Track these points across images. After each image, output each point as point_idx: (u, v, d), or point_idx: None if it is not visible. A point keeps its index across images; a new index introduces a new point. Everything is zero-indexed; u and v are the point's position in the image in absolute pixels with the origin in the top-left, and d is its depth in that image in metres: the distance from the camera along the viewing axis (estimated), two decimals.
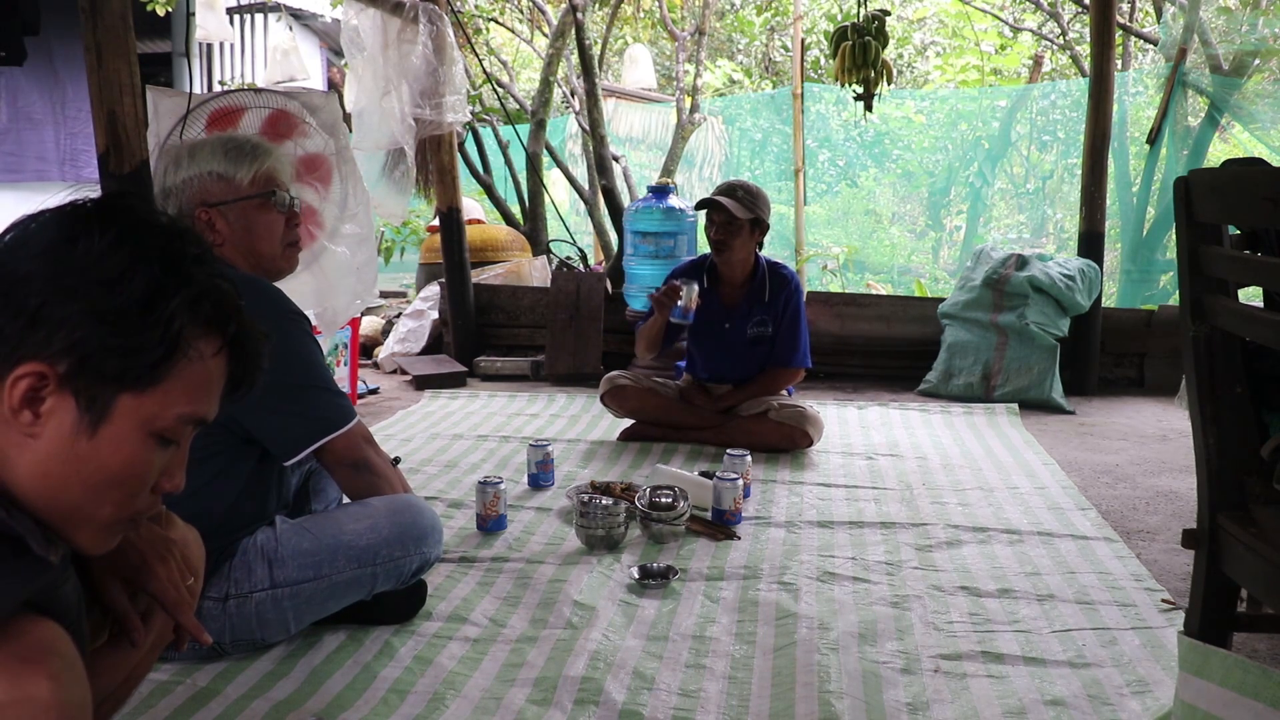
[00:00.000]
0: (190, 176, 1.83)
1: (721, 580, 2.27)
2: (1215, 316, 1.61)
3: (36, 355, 0.93)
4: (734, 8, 10.75)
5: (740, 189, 3.39)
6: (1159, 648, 1.93)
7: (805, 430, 3.38)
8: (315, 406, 1.83)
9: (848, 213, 7.88)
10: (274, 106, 3.16)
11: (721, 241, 3.37)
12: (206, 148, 1.86)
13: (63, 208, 0.99)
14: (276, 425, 1.80)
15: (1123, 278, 5.63)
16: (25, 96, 7.13)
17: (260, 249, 1.88)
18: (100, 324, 0.94)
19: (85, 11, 2.46)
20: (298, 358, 1.81)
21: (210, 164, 1.84)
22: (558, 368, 4.85)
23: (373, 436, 1.97)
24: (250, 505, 1.83)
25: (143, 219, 1.00)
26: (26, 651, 0.89)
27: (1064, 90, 7.30)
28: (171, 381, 0.98)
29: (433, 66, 4.35)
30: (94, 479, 0.97)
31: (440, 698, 1.72)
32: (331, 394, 1.86)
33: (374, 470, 1.93)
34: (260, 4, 8.83)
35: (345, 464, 1.89)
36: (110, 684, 1.28)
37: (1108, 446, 3.68)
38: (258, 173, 1.86)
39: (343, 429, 1.85)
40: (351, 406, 1.90)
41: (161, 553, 1.25)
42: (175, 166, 1.84)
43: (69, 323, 0.93)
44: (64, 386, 0.94)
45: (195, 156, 1.84)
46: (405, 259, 6.95)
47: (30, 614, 0.92)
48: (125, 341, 0.95)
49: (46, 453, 0.95)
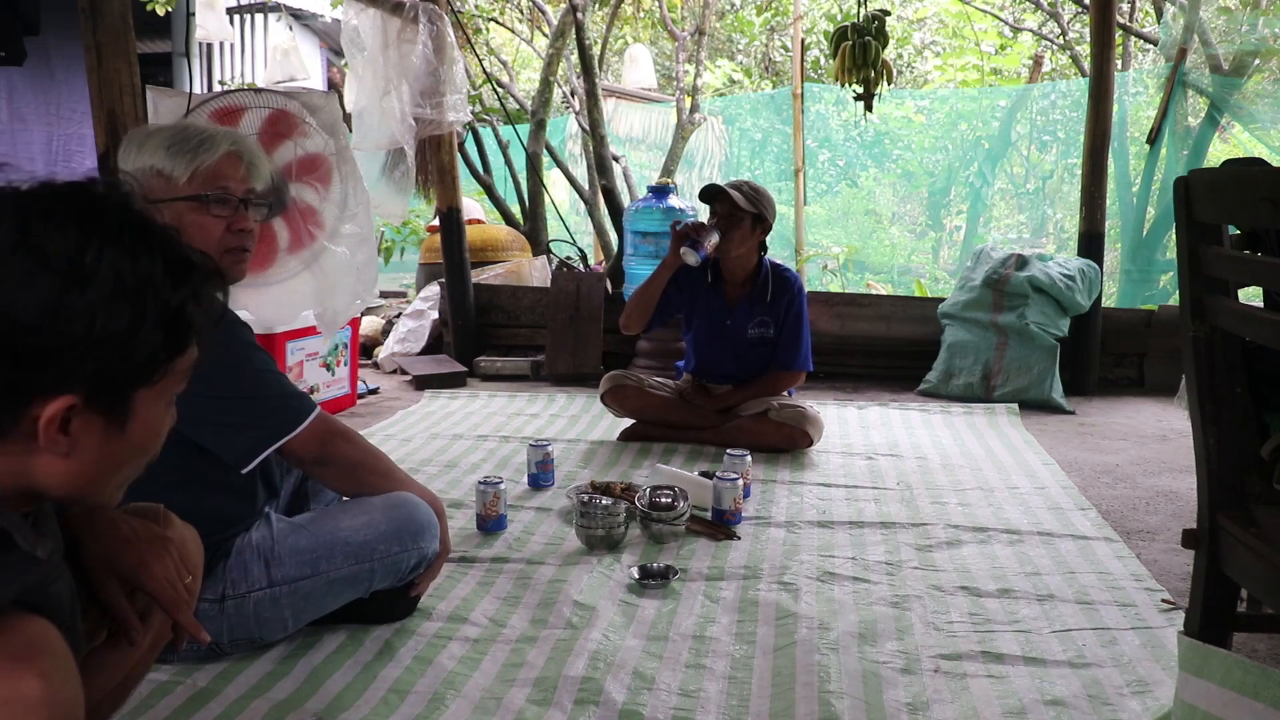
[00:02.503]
0: (136, 169, 1.73)
1: (721, 580, 2.27)
2: (1215, 316, 1.61)
3: (52, 391, 0.92)
4: (734, 8, 10.75)
5: (746, 185, 3.39)
6: (1159, 648, 1.93)
7: (805, 430, 3.38)
8: (259, 415, 1.76)
9: (848, 213, 7.89)
10: (274, 106, 3.16)
11: (723, 232, 3.36)
12: (155, 139, 1.76)
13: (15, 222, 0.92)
14: (225, 439, 1.74)
15: (1123, 278, 5.63)
16: (20, 98, 7.12)
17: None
18: (110, 347, 0.93)
19: (85, 11, 2.46)
20: (237, 367, 1.75)
21: (153, 158, 1.73)
22: (558, 368, 4.85)
23: (341, 427, 1.88)
24: (236, 504, 1.82)
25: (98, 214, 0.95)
26: (17, 650, 0.88)
27: (1064, 90, 7.30)
28: (184, 358, 1.01)
29: (433, 66, 4.35)
30: (124, 459, 1.02)
31: (440, 698, 1.72)
32: (275, 399, 1.78)
33: (340, 461, 1.85)
34: (260, 4, 8.83)
35: (307, 462, 1.83)
36: (109, 683, 1.28)
37: (1108, 446, 3.68)
38: (197, 170, 1.73)
39: (293, 432, 1.77)
40: (305, 405, 1.81)
41: (159, 551, 1.24)
42: (127, 155, 1.76)
43: (76, 354, 0.92)
44: (89, 407, 0.95)
45: (144, 147, 1.75)
46: (405, 259, 6.95)
47: (20, 612, 0.92)
48: (140, 353, 0.95)
49: (82, 462, 0.97)
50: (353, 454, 1.89)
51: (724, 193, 3.34)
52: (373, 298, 4.99)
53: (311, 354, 3.92)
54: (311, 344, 3.89)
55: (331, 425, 1.85)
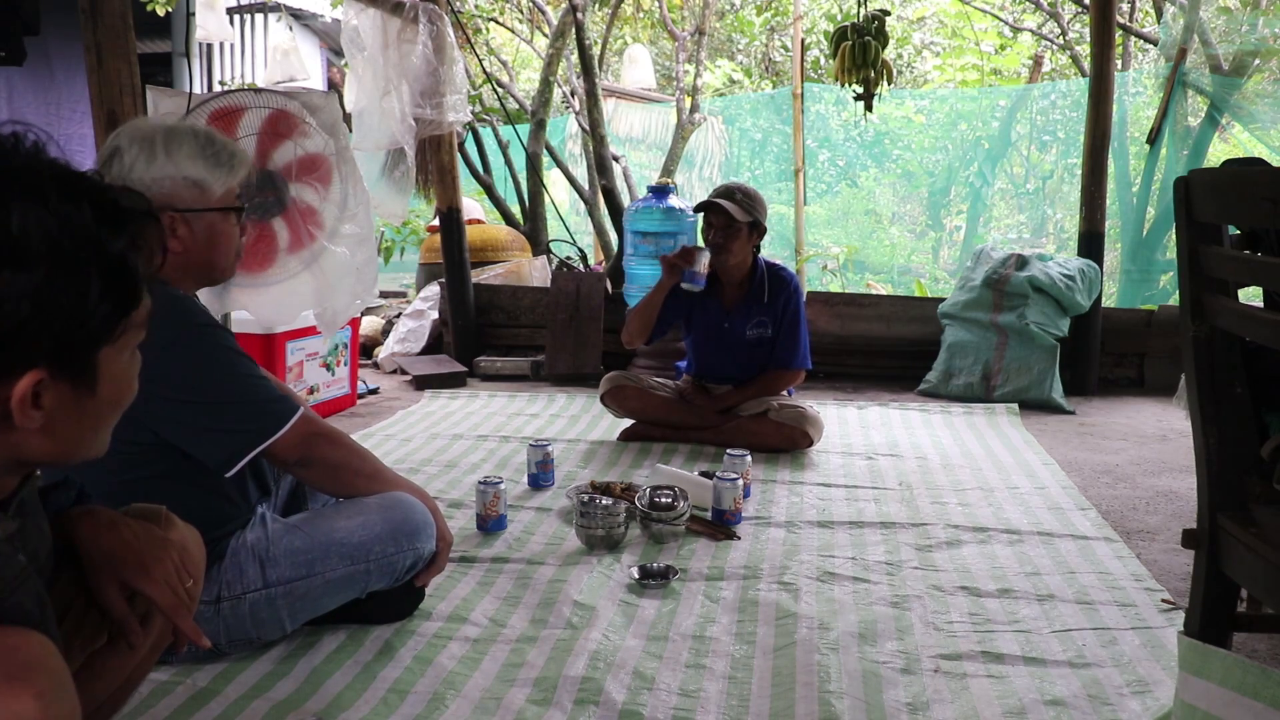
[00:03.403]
0: (163, 176, 1.73)
1: (721, 580, 2.27)
2: (1215, 316, 1.61)
3: (15, 371, 0.91)
4: (734, 8, 10.75)
5: (739, 191, 3.40)
6: (1159, 648, 1.93)
7: (805, 430, 3.38)
8: (240, 419, 1.75)
9: (848, 213, 7.88)
10: (274, 106, 3.16)
11: (721, 244, 3.37)
12: (185, 146, 1.76)
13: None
14: (206, 444, 1.74)
15: (1123, 278, 5.63)
16: (20, 98, 7.12)
17: (217, 260, 1.83)
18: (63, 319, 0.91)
19: (85, 11, 2.46)
20: (216, 372, 1.74)
21: (188, 168, 1.75)
22: (558, 368, 4.85)
23: (326, 429, 1.87)
24: (228, 504, 1.82)
25: (12, 175, 0.90)
26: (13, 669, 0.87)
27: (1064, 90, 7.30)
28: (139, 310, 1.00)
29: (433, 66, 4.35)
30: (102, 415, 1.01)
31: (440, 698, 1.72)
32: (255, 403, 1.77)
33: (324, 462, 1.85)
34: (260, 4, 8.83)
35: (291, 464, 1.83)
36: (109, 687, 1.27)
37: (1108, 446, 3.68)
38: (232, 185, 1.81)
39: (274, 436, 1.76)
40: (287, 408, 1.79)
41: (159, 556, 1.23)
42: (149, 159, 1.74)
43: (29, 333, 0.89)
44: (56, 378, 0.94)
45: (173, 154, 1.75)
46: (405, 259, 6.95)
47: (16, 628, 0.91)
48: (94, 316, 0.94)
49: (61, 429, 0.97)
50: (336, 455, 1.88)
51: (718, 205, 3.35)
52: (373, 298, 4.98)
53: (311, 354, 3.92)
54: (311, 344, 3.89)
55: (315, 427, 1.83)
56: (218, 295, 2.95)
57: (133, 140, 1.75)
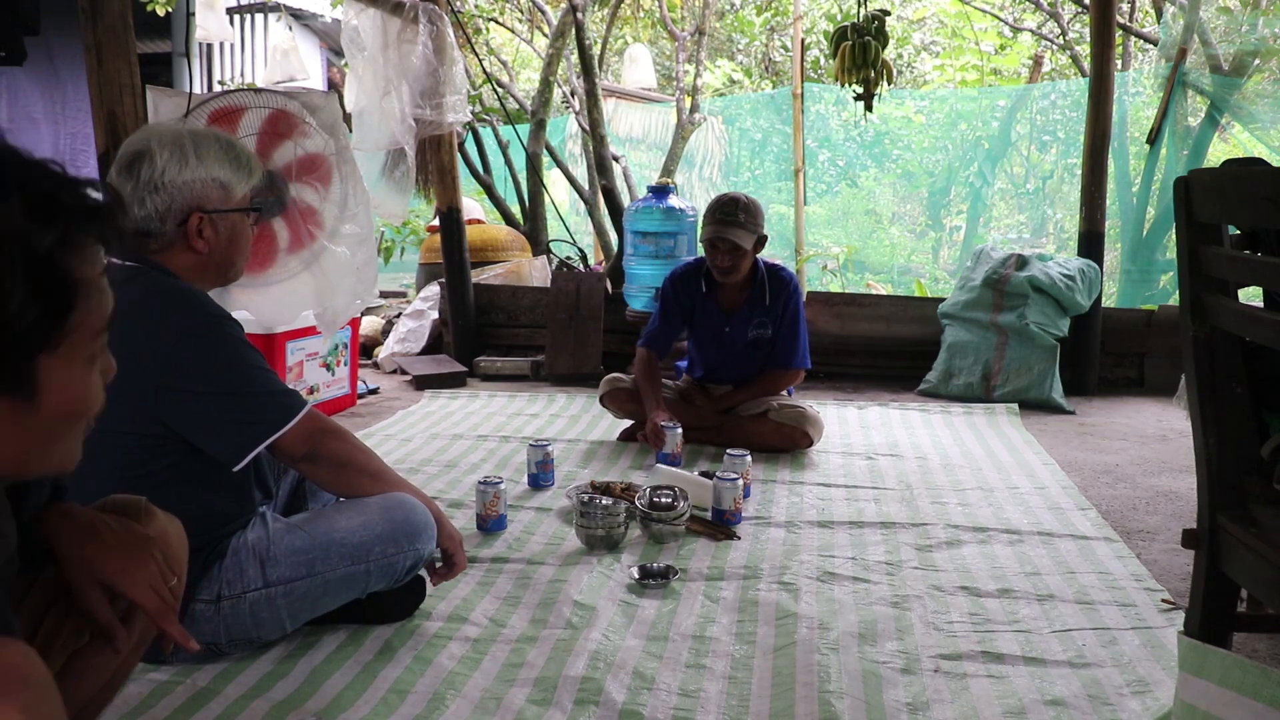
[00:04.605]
0: (194, 179, 1.78)
1: (721, 580, 2.27)
2: (1215, 316, 1.61)
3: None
4: (734, 8, 10.75)
5: (741, 211, 3.30)
6: (1159, 648, 1.93)
7: (805, 430, 3.38)
8: (250, 411, 1.76)
9: (848, 213, 7.88)
10: (274, 106, 3.16)
11: (729, 267, 3.35)
12: (211, 150, 1.81)
13: None
14: (216, 436, 1.75)
15: (1123, 278, 5.63)
16: (26, 96, 7.12)
17: (235, 260, 1.88)
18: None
19: (85, 11, 2.46)
20: (228, 365, 1.75)
21: (215, 169, 1.80)
22: (558, 368, 4.85)
23: (333, 425, 1.88)
24: (230, 502, 1.82)
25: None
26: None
27: (1064, 90, 7.30)
28: (79, 315, 0.89)
29: (433, 66, 4.35)
30: (53, 430, 0.92)
31: (440, 698, 1.72)
32: (266, 395, 1.78)
33: (329, 458, 1.85)
34: (260, 4, 8.83)
35: (297, 459, 1.83)
36: (93, 687, 1.25)
37: (1108, 446, 3.68)
38: (253, 186, 1.87)
39: (284, 429, 1.77)
40: (296, 401, 1.81)
41: (142, 557, 1.20)
42: (181, 162, 1.77)
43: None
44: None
45: (202, 157, 1.79)
46: (405, 259, 6.95)
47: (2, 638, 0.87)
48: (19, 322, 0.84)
49: (3, 444, 0.89)
50: (342, 452, 1.89)
51: (725, 238, 3.28)
52: (373, 298, 4.98)
53: (311, 354, 3.92)
54: (311, 344, 3.89)
55: (322, 423, 1.85)
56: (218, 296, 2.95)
57: (162, 144, 1.78)
